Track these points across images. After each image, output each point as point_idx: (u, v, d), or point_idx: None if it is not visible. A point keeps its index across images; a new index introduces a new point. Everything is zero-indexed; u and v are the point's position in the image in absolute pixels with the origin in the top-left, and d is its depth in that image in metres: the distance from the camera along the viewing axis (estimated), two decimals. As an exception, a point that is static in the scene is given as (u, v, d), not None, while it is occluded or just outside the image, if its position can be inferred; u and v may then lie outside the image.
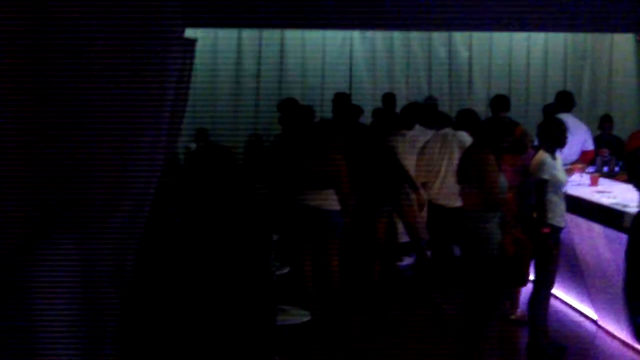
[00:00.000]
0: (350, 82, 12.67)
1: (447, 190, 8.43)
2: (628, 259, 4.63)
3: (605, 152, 9.52)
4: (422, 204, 8.90)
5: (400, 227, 9.41)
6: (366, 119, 10.19)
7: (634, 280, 4.54)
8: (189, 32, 5.14)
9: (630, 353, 6.84)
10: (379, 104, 11.03)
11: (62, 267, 3.90)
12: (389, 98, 10.83)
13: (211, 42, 12.14)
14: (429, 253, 9.41)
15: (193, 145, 10.30)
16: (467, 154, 6.49)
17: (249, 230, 4.21)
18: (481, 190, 6.15)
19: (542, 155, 6.75)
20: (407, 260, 10.06)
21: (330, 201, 7.58)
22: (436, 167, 8.78)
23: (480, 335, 6.37)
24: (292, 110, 9.36)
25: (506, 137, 6.35)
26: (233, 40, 12.46)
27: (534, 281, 6.95)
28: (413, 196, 8.88)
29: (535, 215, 6.72)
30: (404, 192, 8.86)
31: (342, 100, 10.15)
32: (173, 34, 4.56)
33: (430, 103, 11.26)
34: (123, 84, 4.00)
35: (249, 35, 12.50)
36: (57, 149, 3.75)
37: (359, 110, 9.79)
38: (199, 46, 5.81)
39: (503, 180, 6.26)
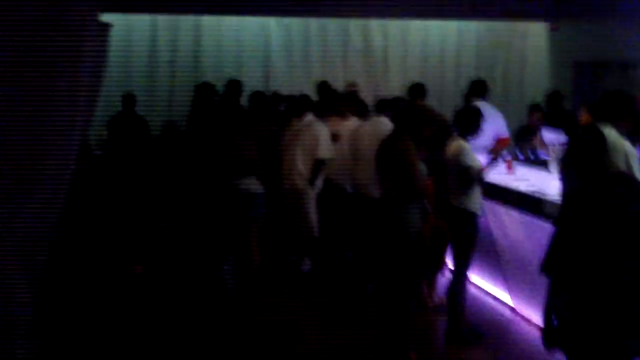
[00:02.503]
0: (267, 68, 12.59)
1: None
2: (553, 251, 4.65)
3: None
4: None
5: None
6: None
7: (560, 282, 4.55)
8: (104, 18, 5.00)
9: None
10: (295, 90, 10.96)
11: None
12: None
13: (125, 28, 11.87)
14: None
15: (106, 134, 10.07)
16: (387, 142, 6.40)
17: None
18: (402, 179, 6.10)
19: (460, 142, 6.79)
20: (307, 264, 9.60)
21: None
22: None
23: (399, 322, 6.37)
24: (208, 93, 9.32)
25: (428, 126, 6.30)
26: (147, 26, 12.26)
27: (453, 268, 7.00)
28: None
29: (454, 202, 6.77)
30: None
31: (235, 87, 10.11)
32: (88, 17, 4.43)
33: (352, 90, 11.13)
34: (36, 69, 3.88)
35: (164, 21, 12.30)
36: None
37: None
38: (112, 32, 5.66)
39: (423, 168, 6.23)
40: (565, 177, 4.86)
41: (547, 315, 4.88)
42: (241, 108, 9.82)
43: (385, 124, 7.95)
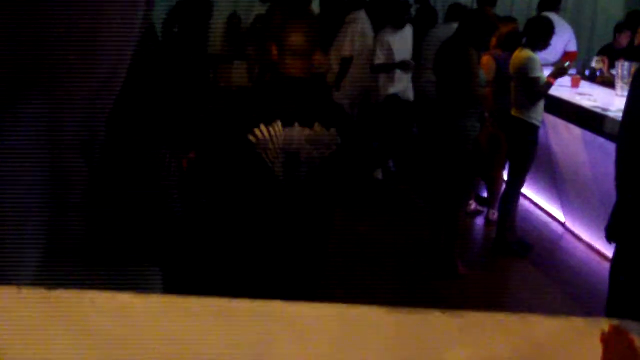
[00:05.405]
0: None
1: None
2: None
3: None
4: None
5: None
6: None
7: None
8: None
9: (594, 256, 6.89)
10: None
11: (30, 127, 3.80)
12: None
13: None
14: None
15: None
16: (447, 47, 6.31)
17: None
18: (460, 85, 6.02)
19: (529, 52, 6.65)
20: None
21: None
22: None
23: (448, 229, 6.38)
24: None
25: (490, 33, 6.21)
26: None
27: (507, 178, 6.95)
28: None
29: (515, 112, 6.67)
30: None
31: None
32: None
33: None
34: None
35: None
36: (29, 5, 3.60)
37: None
38: None
39: (482, 75, 6.15)
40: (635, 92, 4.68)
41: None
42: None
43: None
